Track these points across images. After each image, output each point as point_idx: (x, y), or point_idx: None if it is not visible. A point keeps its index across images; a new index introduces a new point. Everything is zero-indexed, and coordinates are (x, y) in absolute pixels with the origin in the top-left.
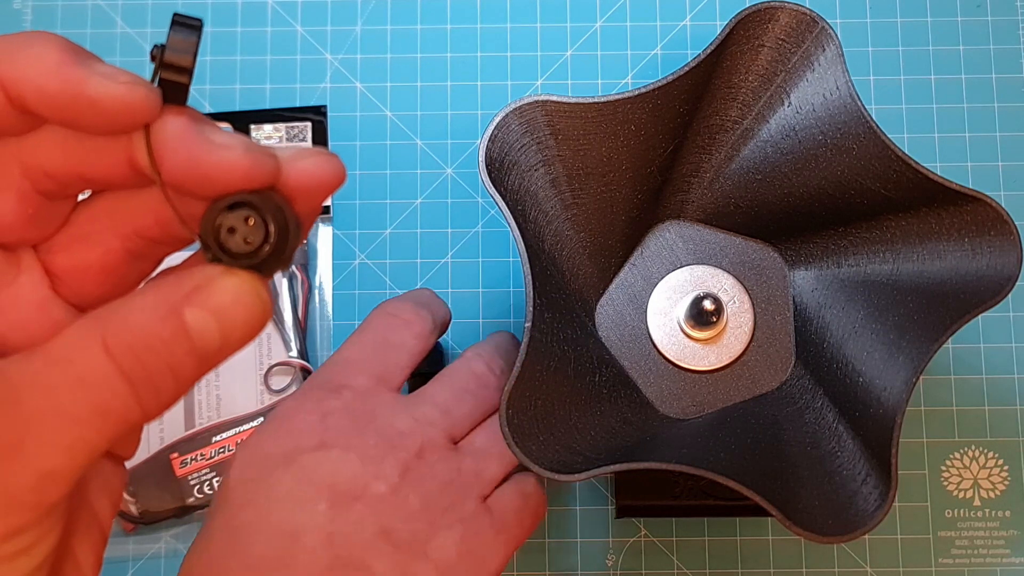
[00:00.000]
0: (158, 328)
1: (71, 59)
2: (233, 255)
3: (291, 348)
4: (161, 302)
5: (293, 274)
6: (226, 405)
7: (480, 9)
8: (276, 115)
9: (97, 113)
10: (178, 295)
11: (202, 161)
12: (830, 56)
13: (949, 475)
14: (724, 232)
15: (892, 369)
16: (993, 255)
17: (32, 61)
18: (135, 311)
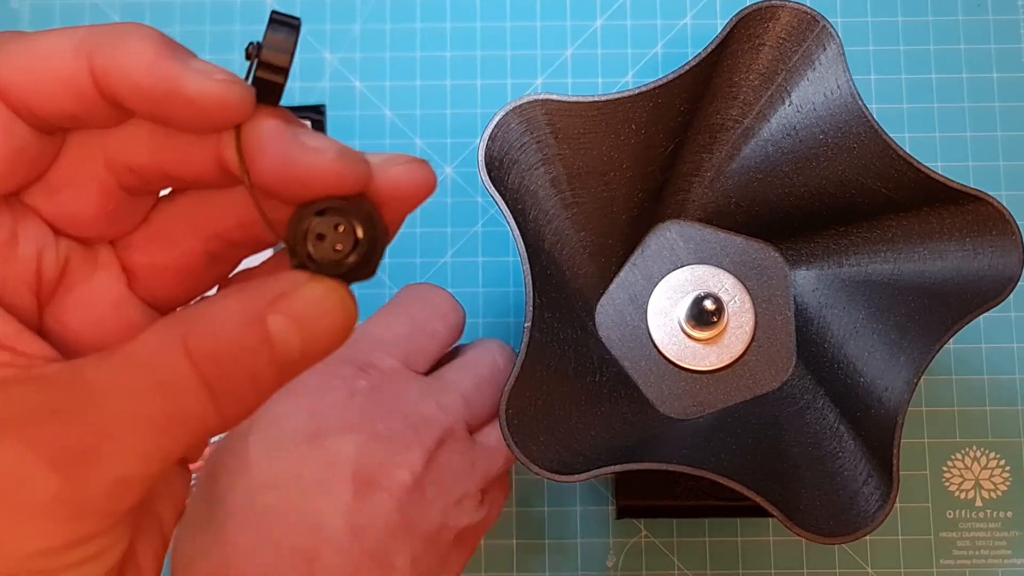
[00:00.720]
0: (241, 335)
1: (167, 54)
2: (320, 262)
3: None
4: (245, 308)
5: None
6: None
7: (480, 7)
8: None
9: (191, 110)
10: (262, 302)
11: (294, 164)
12: (831, 55)
13: (951, 476)
14: (725, 232)
15: (893, 369)
16: (995, 255)
17: (128, 55)
18: (218, 317)
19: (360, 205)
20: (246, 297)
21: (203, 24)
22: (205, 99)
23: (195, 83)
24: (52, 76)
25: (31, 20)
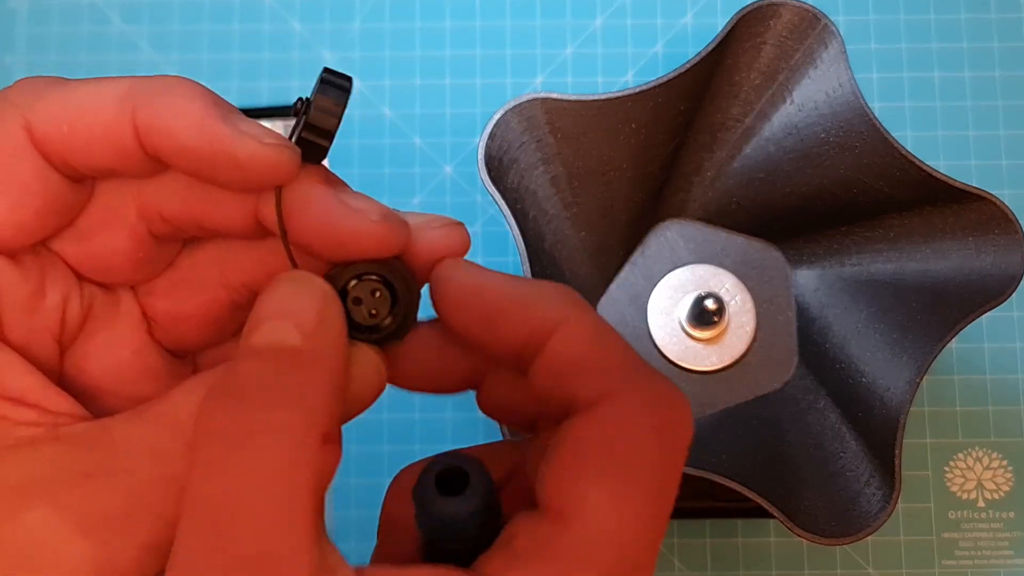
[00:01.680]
0: None
1: (215, 113)
2: (356, 327)
3: None
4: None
5: None
6: None
7: (479, 6)
8: (274, 112)
9: (237, 173)
10: None
11: (337, 226)
12: (833, 53)
13: (953, 476)
14: (726, 231)
15: (895, 369)
16: (998, 254)
17: (175, 113)
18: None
19: (396, 268)
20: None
21: (201, 23)
22: (254, 163)
23: (244, 147)
24: (93, 130)
25: (29, 19)
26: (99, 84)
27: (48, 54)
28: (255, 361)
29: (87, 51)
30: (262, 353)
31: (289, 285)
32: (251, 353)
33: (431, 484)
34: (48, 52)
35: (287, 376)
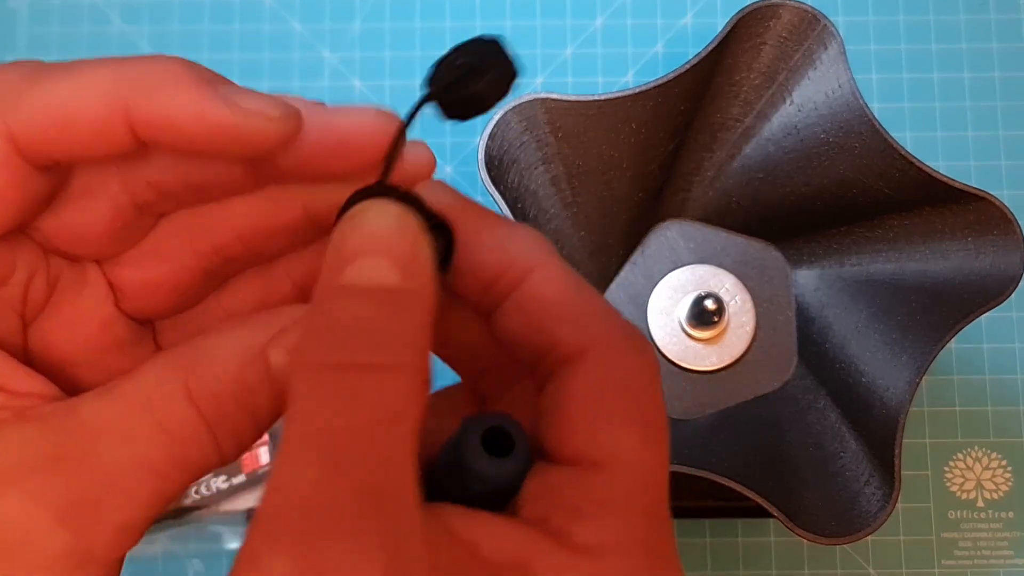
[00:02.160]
0: (243, 374)
1: (213, 95)
2: None
3: None
4: (246, 346)
5: None
6: None
7: (479, 6)
8: None
9: (244, 148)
10: (263, 338)
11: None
12: (832, 54)
13: (952, 476)
14: (726, 231)
15: (895, 369)
16: (997, 254)
17: (171, 103)
18: (220, 356)
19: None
20: (246, 333)
21: (201, 23)
22: (262, 139)
23: (250, 125)
24: (81, 129)
25: (29, 17)
26: (80, 76)
27: (48, 54)
28: (352, 301)
29: (87, 51)
30: (358, 293)
31: (378, 216)
32: (345, 293)
33: (478, 444)
34: (48, 52)
35: (390, 319)
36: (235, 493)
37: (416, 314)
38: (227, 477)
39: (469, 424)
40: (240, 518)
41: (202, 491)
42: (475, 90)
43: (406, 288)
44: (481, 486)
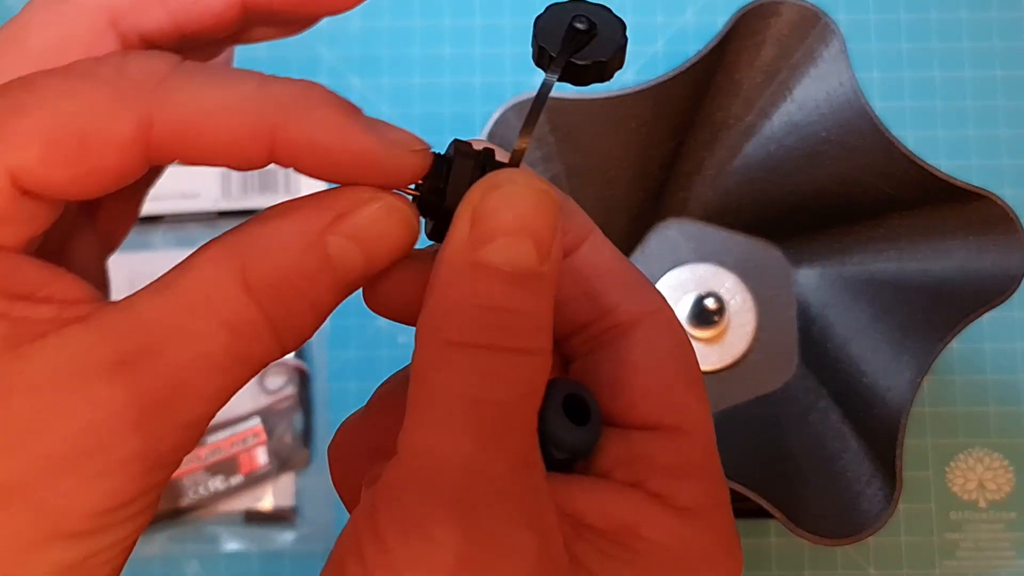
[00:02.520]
0: (301, 261)
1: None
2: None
3: None
4: (303, 231)
5: None
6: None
7: (479, 4)
8: None
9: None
10: (321, 222)
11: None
12: (833, 52)
13: (954, 477)
14: (727, 230)
15: (897, 368)
16: (999, 253)
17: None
18: (276, 242)
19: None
20: (303, 218)
21: None
22: (404, 170)
23: (393, 157)
24: (219, 137)
25: None
26: (232, 86)
27: None
28: (497, 284)
29: None
30: (503, 277)
31: (523, 192)
32: (488, 273)
33: (561, 413)
34: None
35: (532, 304)
36: (233, 494)
37: (550, 298)
38: (225, 477)
39: (550, 392)
40: (238, 519)
41: (200, 492)
42: (601, 58)
43: (543, 273)
44: (560, 452)
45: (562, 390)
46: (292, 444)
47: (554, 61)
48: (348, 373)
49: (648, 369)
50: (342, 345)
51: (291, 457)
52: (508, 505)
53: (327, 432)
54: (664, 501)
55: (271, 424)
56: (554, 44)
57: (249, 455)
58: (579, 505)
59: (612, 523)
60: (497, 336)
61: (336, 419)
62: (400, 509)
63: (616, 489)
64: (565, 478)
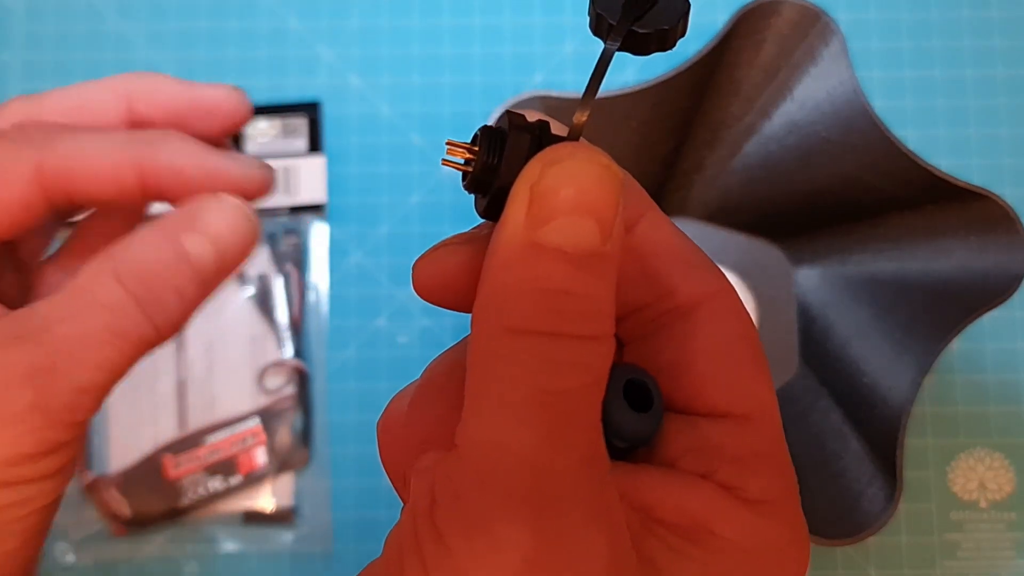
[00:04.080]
0: (160, 255)
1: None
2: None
3: (286, 348)
4: (161, 232)
5: (287, 273)
6: (220, 406)
7: (478, 3)
8: (270, 110)
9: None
10: (178, 225)
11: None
12: (834, 51)
13: (955, 477)
14: (727, 229)
15: (898, 368)
16: (1000, 253)
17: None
18: (138, 243)
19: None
20: (164, 223)
21: (198, 20)
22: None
23: (242, 175)
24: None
25: (26, 16)
26: (104, 135)
27: (44, 51)
28: (558, 266)
29: (83, 49)
30: (564, 258)
31: (585, 168)
32: (548, 255)
33: (622, 399)
34: (44, 49)
35: (595, 287)
36: (232, 494)
37: (613, 280)
38: (224, 478)
39: (612, 378)
40: (237, 519)
41: (199, 492)
42: (665, 26)
43: (606, 253)
44: (620, 440)
45: (622, 376)
46: (291, 444)
47: (614, 29)
48: (348, 373)
49: (713, 353)
50: (342, 345)
51: (290, 457)
52: (577, 503)
53: (326, 432)
54: (736, 493)
55: (270, 424)
56: (614, 11)
57: (248, 455)
58: (649, 498)
59: (684, 517)
60: (559, 322)
61: (336, 420)
62: (461, 507)
63: (687, 481)
64: (631, 468)
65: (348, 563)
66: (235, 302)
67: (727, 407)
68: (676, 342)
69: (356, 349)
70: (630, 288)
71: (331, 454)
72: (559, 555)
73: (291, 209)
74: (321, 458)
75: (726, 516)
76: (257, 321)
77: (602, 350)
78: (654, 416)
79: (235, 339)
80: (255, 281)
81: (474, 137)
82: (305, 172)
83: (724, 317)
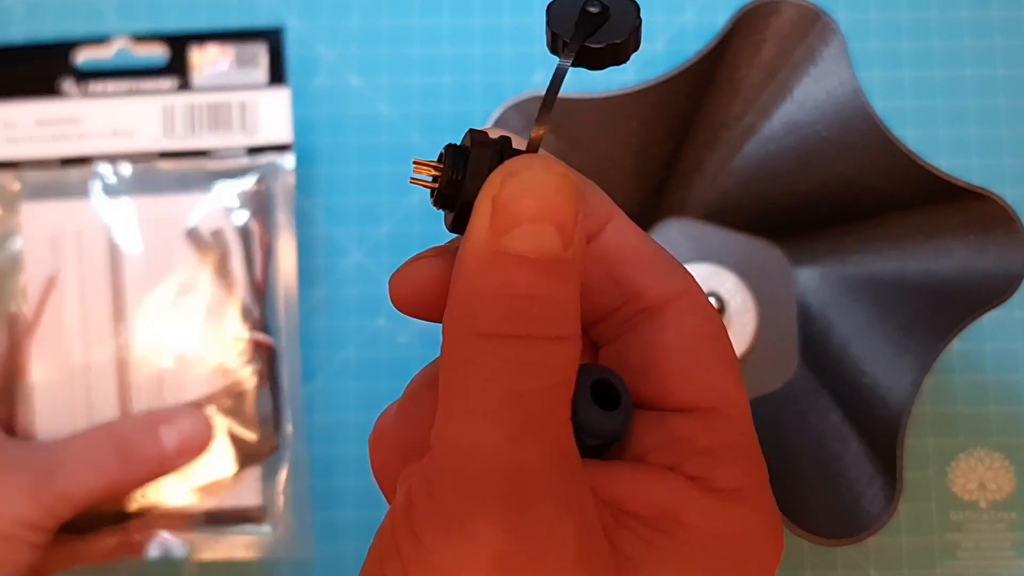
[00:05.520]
0: (142, 431)
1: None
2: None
3: (247, 318)
4: (148, 419)
5: (248, 228)
6: (170, 388)
7: (478, 2)
8: (223, 36)
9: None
10: (159, 417)
11: None
12: (834, 51)
13: (955, 477)
14: (727, 229)
15: (898, 369)
16: (1000, 253)
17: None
18: (131, 420)
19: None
20: (153, 413)
21: (199, 21)
22: None
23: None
24: None
25: (25, 16)
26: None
27: None
28: (522, 271)
29: None
30: (527, 264)
31: (543, 176)
32: (511, 262)
33: (589, 399)
34: None
35: (559, 290)
36: (187, 493)
37: (576, 283)
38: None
39: (580, 379)
40: (194, 521)
41: (146, 494)
42: (616, 40)
43: (568, 257)
44: (591, 439)
45: (590, 376)
46: (258, 431)
47: (567, 46)
48: (348, 373)
49: (680, 350)
50: (342, 345)
51: (256, 447)
52: (547, 498)
53: (298, 417)
54: (703, 484)
55: (230, 409)
56: (567, 29)
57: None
58: (618, 491)
59: (653, 508)
60: (526, 325)
61: (336, 420)
62: (436, 505)
63: (654, 473)
64: (601, 464)
65: (334, 571)
66: (184, 263)
67: (694, 401)
68: (645, 341)
69: (356, 349)
70: (600, 292)
71: (330, 454)
72: (530, 548)
73: (249, 150)
74: (293, 448)
75: (693, 505)
76: (212, 286)
77: (568, 351)
78: (621, 413)
79: (186, 308)
80: (208, 238)
81: (440, 155)
82: (265, 107)
83: (689, 316)
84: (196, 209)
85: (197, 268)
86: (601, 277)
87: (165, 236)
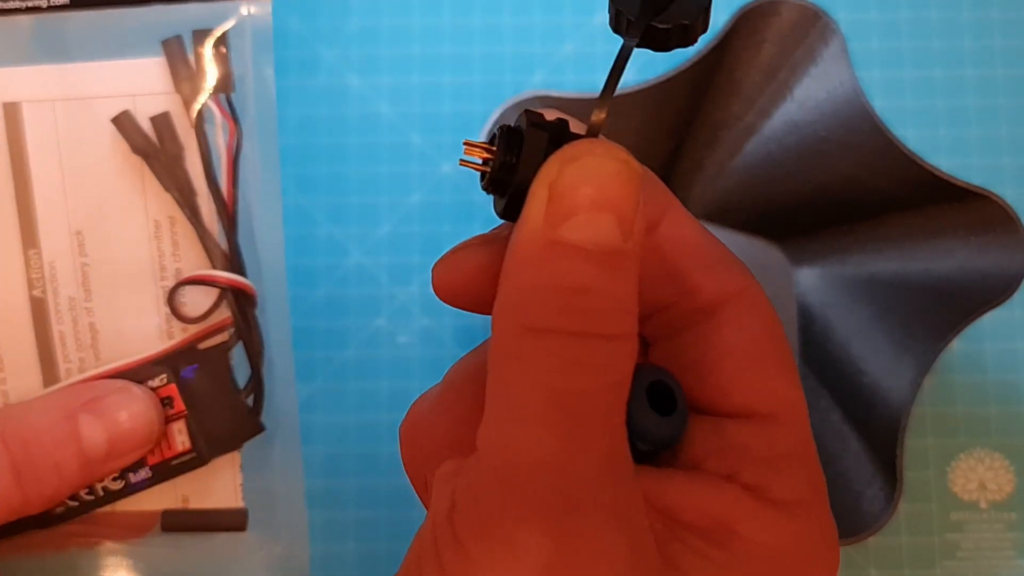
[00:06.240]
0: (51, 427)
1: None
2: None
3: (212, 251)
4: (59, 406)
5: (209, 111)
6: (107, 342)
7: (478, 2)
8: None
9: None
10: (76, 402)
11: None
12: (834, 51)
13: (955, 477)
14: (727, 229)
15: (898, 368)
16: (1000, 253)
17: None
18: (37, 410)
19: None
20: (62, 397)
21: None
22: None
23: None
24: None
25: None
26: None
27: None
28: (578, 263)
29: None
30: (584, 256)
31: (604, 163)
32: (568, 252)
33: (646, 403)
34: None
35: (616, 285)
36: (137, 494)
37: (635, 278)
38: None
39: (636, 380)
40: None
41: (82, 495)
42: (684, 20)
43: (627, 250)
44: (644, 444)
45: (645, 377)
46: (231, 408)
47: (632, 25)
48: (348, 373)
49: (738, 353)
50: (341, 345)
51: (232, 429)
52: (597, 508)
53: (290, 391)
54: (761, 495)
55: (192, 378)
56: (632, 6)
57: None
58: (671, 500)
59: (708, 520)
60: (581, 320)
61: (336, 420)
62: (480, 512)
63: (711, 483)
64: (654, 471)
65: (334, 571)
66: (115, 167)
67: (752, 407)
68: (700, 342)
69: (356, 349)
70: (653, 287)
71: (329, 454)
72: (579, 560)
73: None
74: (287, 432)
75: (750, 517)
76: (161, 202)
77: (624, 350)
78: (678, 419)
79: (127, 235)
80: (146, 128)
81: (492, 136)
82: None
83: (749, 315)
84: (127, 83)
85: (132, 174)
86: (656, 271)
87: (82, 126)
